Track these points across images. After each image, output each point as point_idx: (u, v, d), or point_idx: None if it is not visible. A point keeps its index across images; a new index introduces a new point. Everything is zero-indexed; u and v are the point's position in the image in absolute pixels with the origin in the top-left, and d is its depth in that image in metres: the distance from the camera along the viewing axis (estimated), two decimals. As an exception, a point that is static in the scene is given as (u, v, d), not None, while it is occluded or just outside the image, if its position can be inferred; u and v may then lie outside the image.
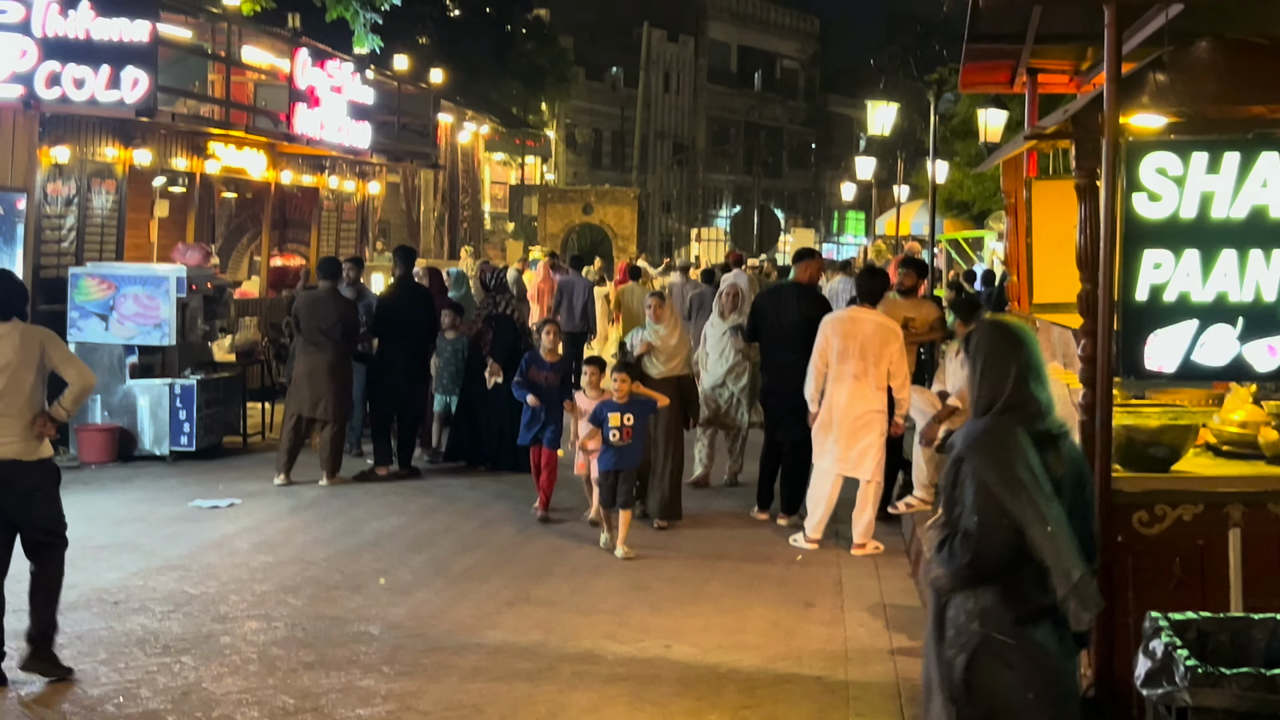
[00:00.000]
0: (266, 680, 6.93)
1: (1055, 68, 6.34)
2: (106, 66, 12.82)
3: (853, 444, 10.00)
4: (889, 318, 11.14)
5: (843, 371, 9.97)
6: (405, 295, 13.08)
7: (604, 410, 9.98)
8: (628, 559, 9.57)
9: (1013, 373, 4.29)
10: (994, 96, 17.45)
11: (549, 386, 10.94)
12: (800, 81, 78.45)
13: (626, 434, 9.91)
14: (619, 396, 9.98)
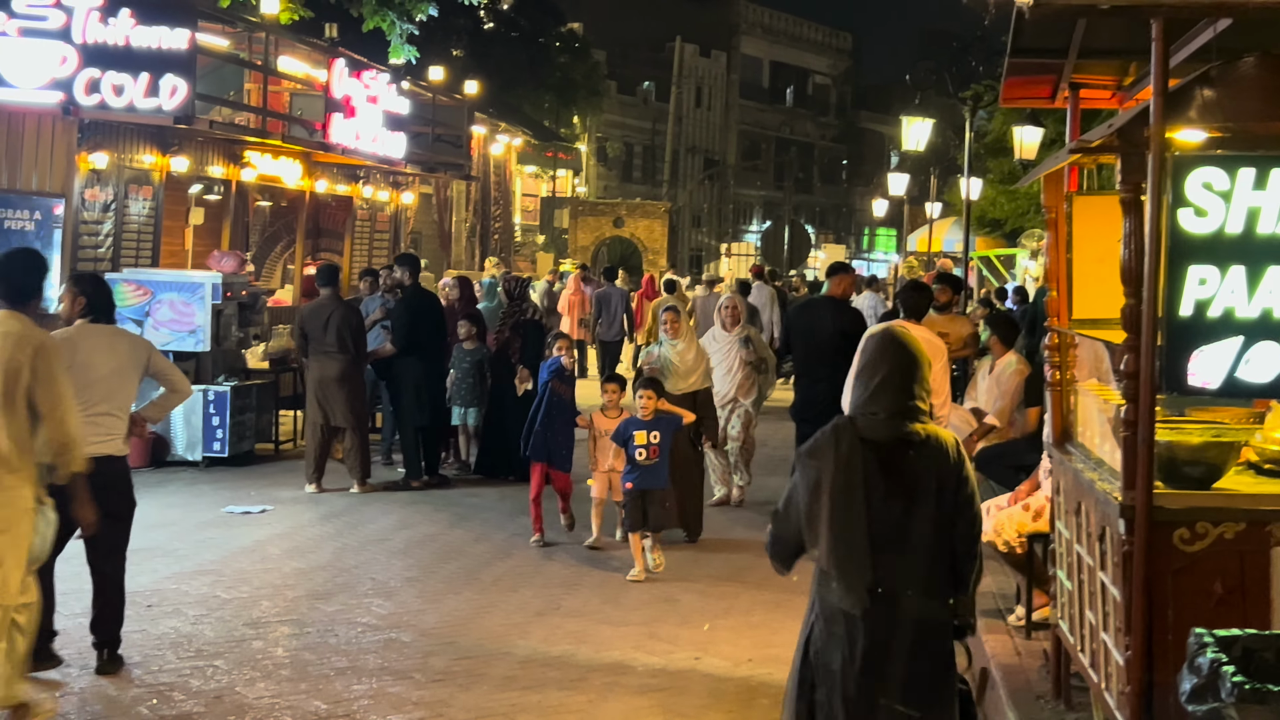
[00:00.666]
0: (299, 685, 6.94)
1: (1098, 82, 6.30)
2: (145, 74, 12.93)
3: None
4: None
5: None
6: (415, 305, 13.00)
7: (629, 428, 9.70)
8: (658, 569, 9.46)
9: (877, 380, 4.59)
10: (1029, 113, 17.42)
11: (564, 401, 10.63)
12: (832, 97, 78.47)
13: (653, 452, 9.60)
14: (644, 414, 9.71)
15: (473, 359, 13.08)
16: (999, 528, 7.61)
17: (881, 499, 4.50)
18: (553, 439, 10.45)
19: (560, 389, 10.52)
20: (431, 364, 12.80)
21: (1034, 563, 7.55)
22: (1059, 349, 6.33)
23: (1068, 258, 6.21)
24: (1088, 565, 5.51)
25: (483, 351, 13.11)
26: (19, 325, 6.12)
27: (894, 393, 4.56)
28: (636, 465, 9.57)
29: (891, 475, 4.50)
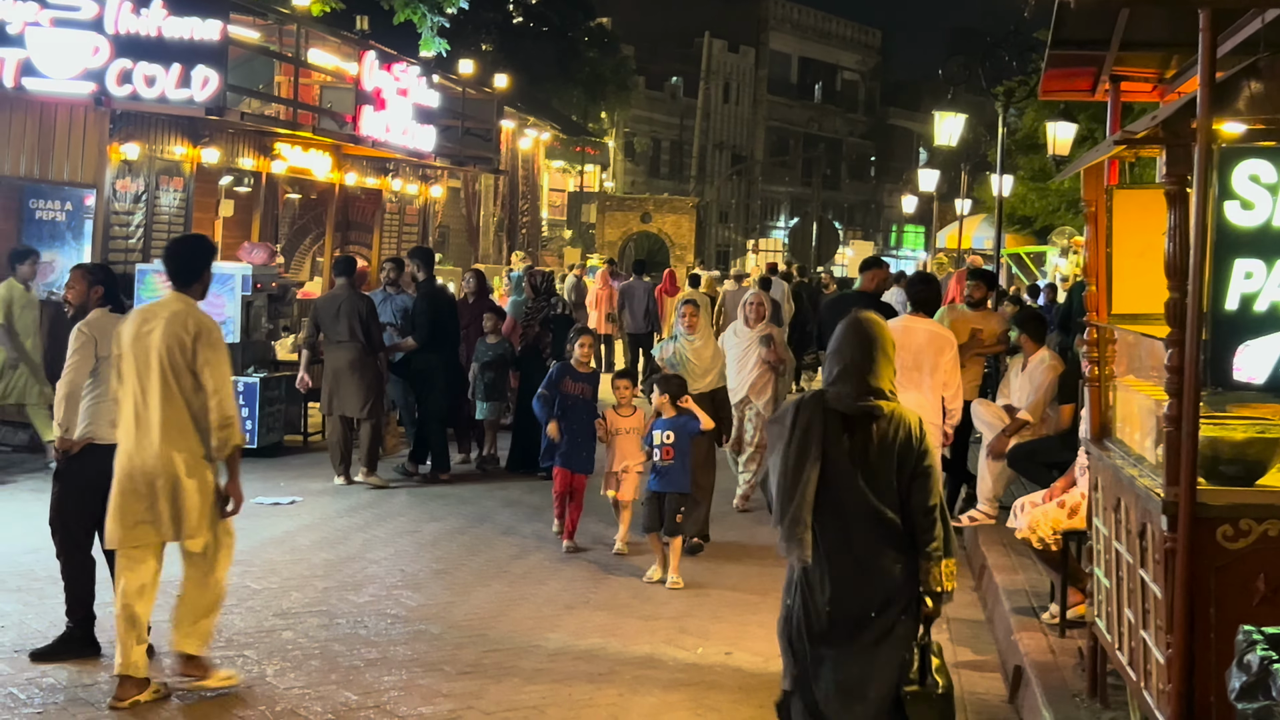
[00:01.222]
0: (329, 676, 6.93)
1: (1139, 75, 6.22)
2: (177, 65, 12.93)
3: None
4: (955, 329, 11.04)
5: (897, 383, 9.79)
6: (434, 298, 12.96)
7: (651, 427, 9.42)
8: (675, 589, 8.94)
9: (846, 357, 5.07)
10: (1062, 109, 17.31)
11: (582, 400, 10.18)
12: (861, 94, 78.25)
13: (666, 453, 9.19)
14: (661, 409, 9.39)
15: (495, 352, 12.97)
16: (1034, 524, 7.55)
17: (843, 464, 4.97)
18: (570, 442, 10.06)
19: (573, 388, 10.13)
20: (452, 356, 12.83)
21: (1069, 560, 7.49)
22: (1098, 344, 6.25)
23: (1107, 252, 6.14)
24: (1127, 562, 5.45)
25: (505, 345, 13.03)
26: (183, 306, 6.59)
27: (858, 373, 5.02)
28: (655, 465, 9.29)
29: (853, 444, 4.98)
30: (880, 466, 4.96)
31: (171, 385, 6.46)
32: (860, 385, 5.00)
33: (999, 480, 10.68)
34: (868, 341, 5.09)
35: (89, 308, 7.26)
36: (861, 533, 4.96)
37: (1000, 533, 10.03)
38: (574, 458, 10.06)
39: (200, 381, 6.47)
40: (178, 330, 6.44)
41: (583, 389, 10.20)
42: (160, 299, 6.85)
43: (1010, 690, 7.15)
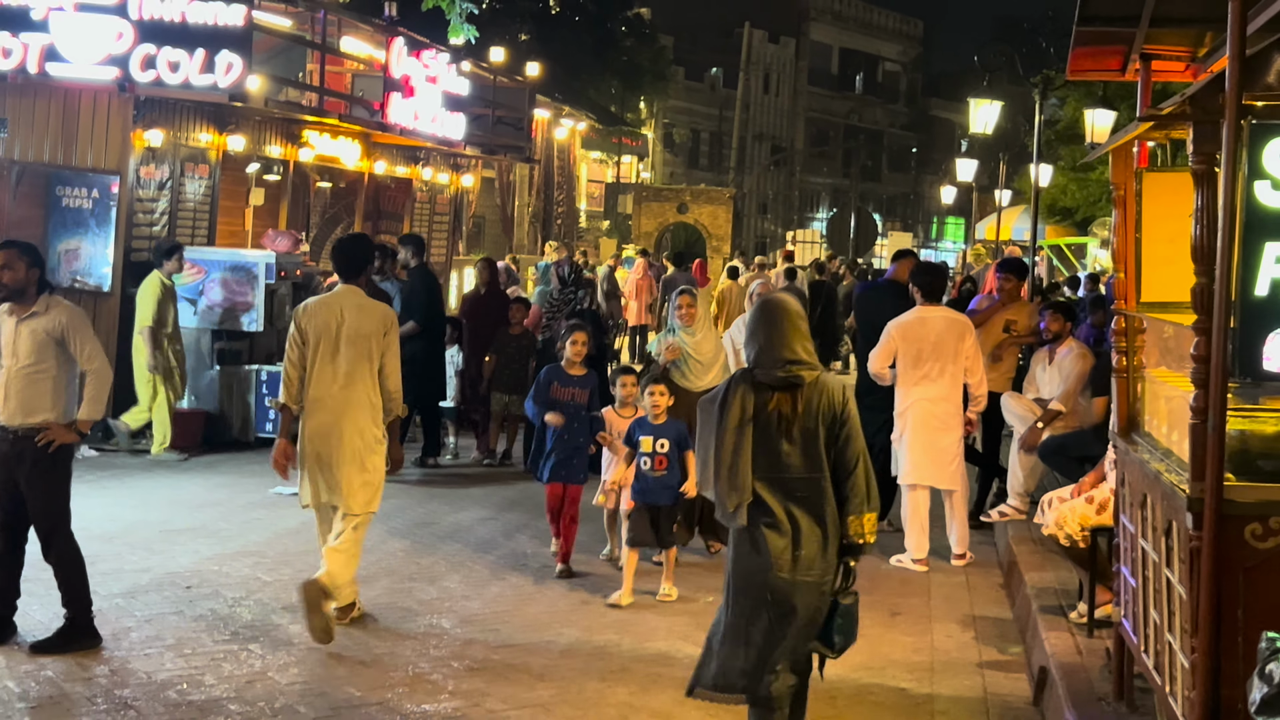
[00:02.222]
0: (334, 671, 6.78)
1: (1170, 53, 5.95)
2: (201, 50, 12.79)
3: (930, 451, 9.56)
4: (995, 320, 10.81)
5: (916, 375, 9.55)
6: (428, 284, 12.72)
7: (635, 432, 8.53)
8: (667, 599, 8.32)
9: (761, 337, 5.44)
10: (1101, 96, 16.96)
11: (575, 406, 9.06)
12: (902, 84, 77.70)
13: (660, 463, 8.39)
14: (654, 415, 8.53)
15: (519, 344, 12.66)
16: (1061, 521, 7.31)
17: (775, 434, 5.37)
18: (561, 452, 8.98)
19: (562, 394, 9.04)
20: (437, 344, 12.69)
21: (1097, 557, 7.24)
22: (1125, 333, 6.01)
23: (1136, 237, 5.90)
24: (1152, 561, 5.22)
25: (529, 337, 12.77)
26: (359, 298, 7.62)
27: (776, 348, 5.39)
28: (641, 475, 8.43)
29: (782, 413, 5.38)
30: (808, 431, 5.36)
31: (363, 366, 7.44)
32: (779, 358, 5.38)
33: (1030, 475, 10.44)
34: (778, 318, 5.47)
35: (27, 290, 7.08)
36: (795, 494, 5.35)
37: (1030, 529, 9.78)
38: (566, 469, 8.96)
39: (383, 361, 7.50)
40: (366, 318, 7.49)
41: (574, 394, 9.09)
42: (336, 291, 7.76)
43: (1035, 692, 6.92)
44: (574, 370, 9.17)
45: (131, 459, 12.36)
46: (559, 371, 9.16)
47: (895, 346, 9.61)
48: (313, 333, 7.47)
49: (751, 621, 5.38)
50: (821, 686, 6.87)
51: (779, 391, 5.38)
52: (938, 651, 7.65)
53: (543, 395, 9.05)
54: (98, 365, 7.17)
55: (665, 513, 8.45)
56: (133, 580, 8.25)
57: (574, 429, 8.99)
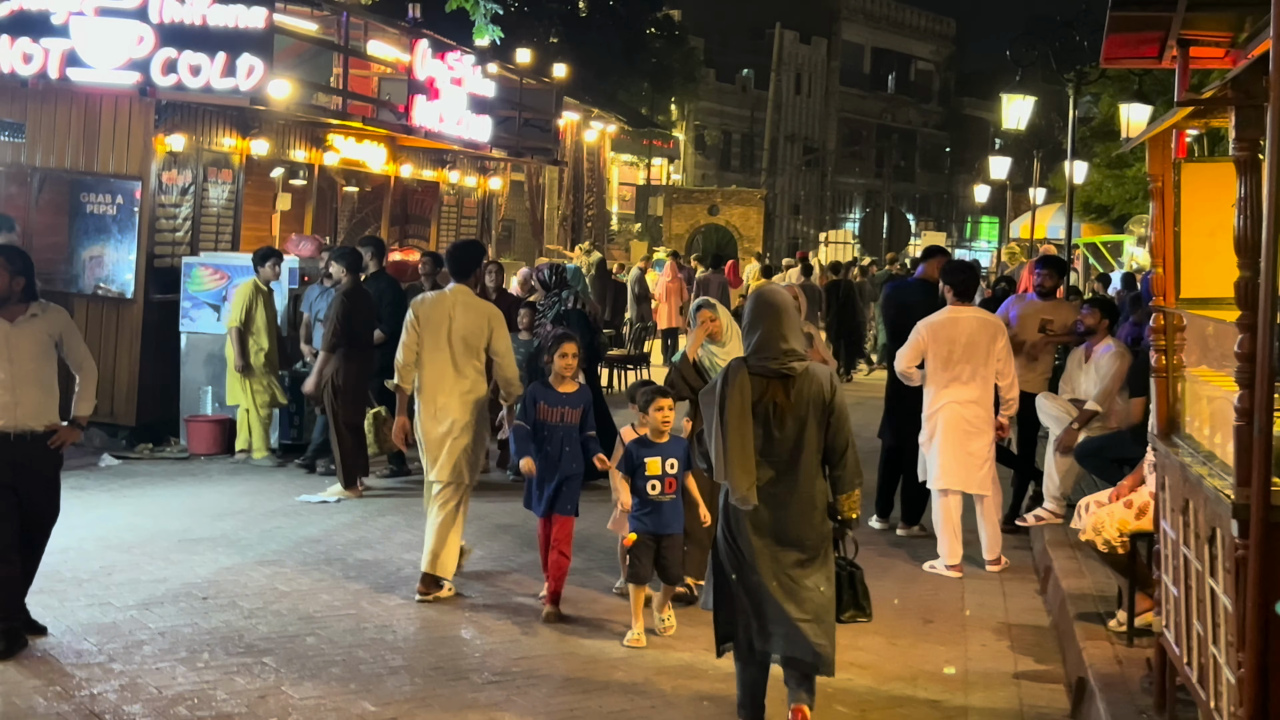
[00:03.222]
0: (348, 685, 6.59)
1: (1209, 39, 5.69)
2: (222, 53, 12.66)
3: (960, 455, 9.27)
4: (1025, 320, 10.56)
5: (946, 377, 9.28)
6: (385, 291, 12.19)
7: (638, 453, 7.58)
8: (668, 633, 7.63)
9: (760, 328, 5.84)
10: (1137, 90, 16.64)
11: (565, 429, 7.94)
12: (935, 84, 77.25)
13: (669, 485, 7.50)
14: (660, 433, 7.57)
15: (526, 350, 11.77)
16: (1099, 525, 7.07)
17: (770, 421, 5.80)
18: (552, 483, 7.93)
19: (549, 414, 7.94)
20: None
21: (1137, 563, 7.00)
22: (1164, 331, 5.76)
23: (1175, 231, 5.66)
24: (1196, 570, 4.98)
25: (536, 343, 12.06)
26: (468, 296, 8.53)
27: (774, 340, 5.80)
28: (647, 501, 7.49)
29: (776, 403, 5.79)
30: (799, 419, 5.80)
31: (468, 356, 8.35)
32: (777, 350, 5.80)
33: (1067, 477, 10.18)
34: (775, 310, 5.88)
35: (11, 300, 7.07)
36: (790, 476, 5.83)
37: (1067, 533, 9.53)
38: (551, 499, 7.93)
39: (493, 351, 8.42)
40: (474, 315, 8.42)
41: (564, 414, 7.95)
42: (450, 288, 8.57)
43: (1072, 704, 6.68)
44: (563, 386, 8.02)
45: (153, 466, 12.25)
46: (545, 389, 8.03)
47: (924, 346, 9.36)
48: (426, 324, 8.38)
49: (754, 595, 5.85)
50: (853, 699, 6.70)
51: (774, 380, 5.79)
52: (972, 661, 7.41)
53: (529, 417, 7.96)
54: (89, 363, 7.37)
55: (673, 543, 7.56)
56: (148, 591, 8.10)
57: (565, 454, 7.90)
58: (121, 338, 13.13)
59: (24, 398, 7.02)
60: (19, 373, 7.01)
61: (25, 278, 7.15)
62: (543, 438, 7.92)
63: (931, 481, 9.44)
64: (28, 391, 7.04)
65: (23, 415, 7.02)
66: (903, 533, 10.41)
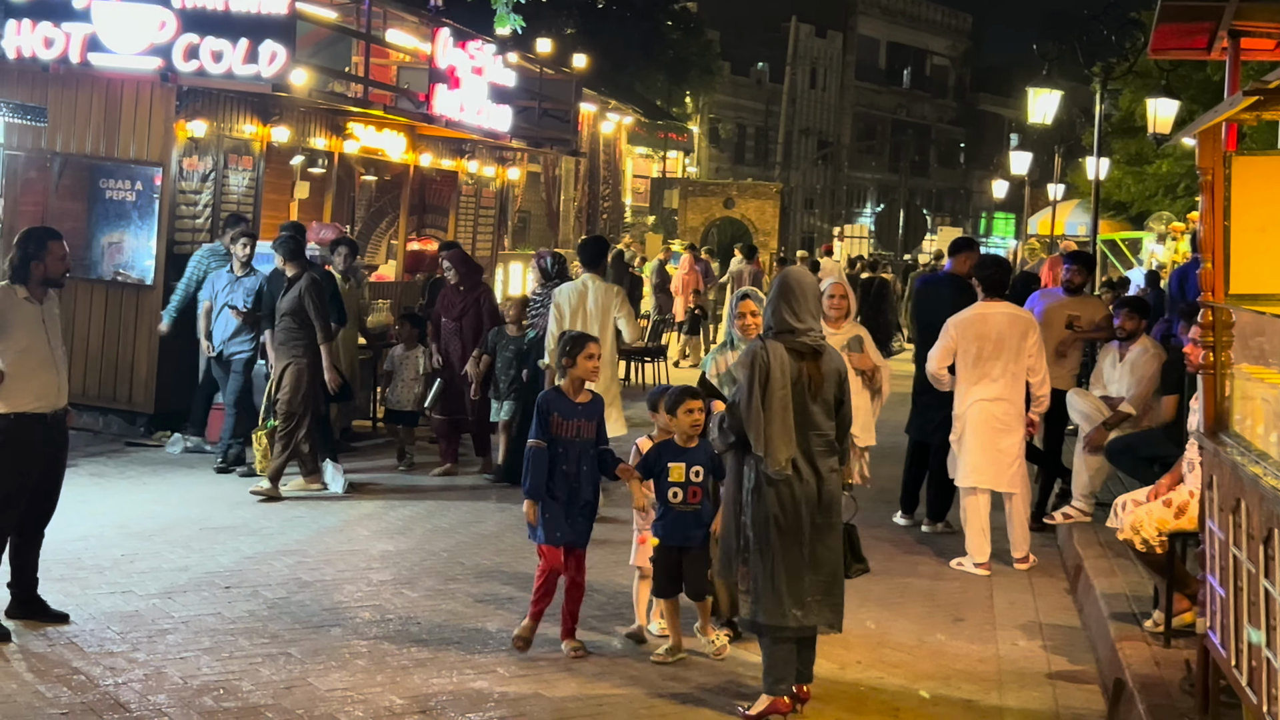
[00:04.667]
0: (375, 677, 6.51)
1: (1262, 29, 5.58)
2: (244, 40, 12.54)
3: (990, 452, 9.14)
4: (1050, 316, 10.45)
5: (976, 374, 9.14)
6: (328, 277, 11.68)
7: (661, 457, 7.06)
8: (722, 655, 7.07)
9: (783, 307, 6.17)
10: (1163, 85, 16.50)
11: (580, 444, 7.06)
12: (951, 79, 77.01)
13: (694, 494, 6.98)
14: (684, 436, 7.05)
15: (517, 346, 11.37)
16: (1137, 525, 6.96)
17: (805, 394, 6.16)
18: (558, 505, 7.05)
19: (563, 428, 7.05)
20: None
21: (1175, 563, 6.90)
22: (1213, 327, 5.65)
23: (1225, 225, 5.54)
24: (1248, 571, 4.87)
25: (527, 337, 11.44)
26: (597, 281, 10.57)
27: (807, 318, 6.19)
28: (670, 509, 6.99)
29: (811, 377, 6.17)
30: (826, 392, 6.22)
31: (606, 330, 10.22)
32: (809, 327, 6.18)
33: (1096, 475, 10.08)
34: (806, 290, 6.26)
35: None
36: (818, 448, 6.20)
37: (1097, 532, 9.44)
38: (566, 526, 7.07)
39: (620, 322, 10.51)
40: (604, 295, 10.47)
41: (579, 426, 7.09)
42: (582, 278, 10.61)
43: (1110, 705, 6.58)
44: (579, 396, 7.17)
45: (172, 453, 12.15)
46: (559, 398, 7.12)
47: (954, 345, 9.22)
48: (568, 308, 10.36)
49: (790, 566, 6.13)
50: (885, 697, 6.62)
51: (807, 355, 6.16)
52: (1004, 661, 7.32)
53: (543, 431, 7.05)
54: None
55: (697, 556, 7.01)
56: (170, 580, 8.03)
57: (581, 473, 7.05)
58: (140, 324, 13.04)
59: (62, 379, 7.22)
60: (57, 355, 7.19)
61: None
62: (557, 455, 7.01)
63: (960, 479, 9.32)
64: (64, 372, 7.26)
65: (62, 396, 7.21)
66: (928, 529, 10.31)
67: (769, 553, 6.14)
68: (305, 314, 10.83)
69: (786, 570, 6.12)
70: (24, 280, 7.15)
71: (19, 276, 7.15)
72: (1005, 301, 9.41)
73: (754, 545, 6.17)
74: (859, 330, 9.19)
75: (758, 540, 6.16)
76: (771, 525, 6.13)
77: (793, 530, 6.14)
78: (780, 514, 6.12)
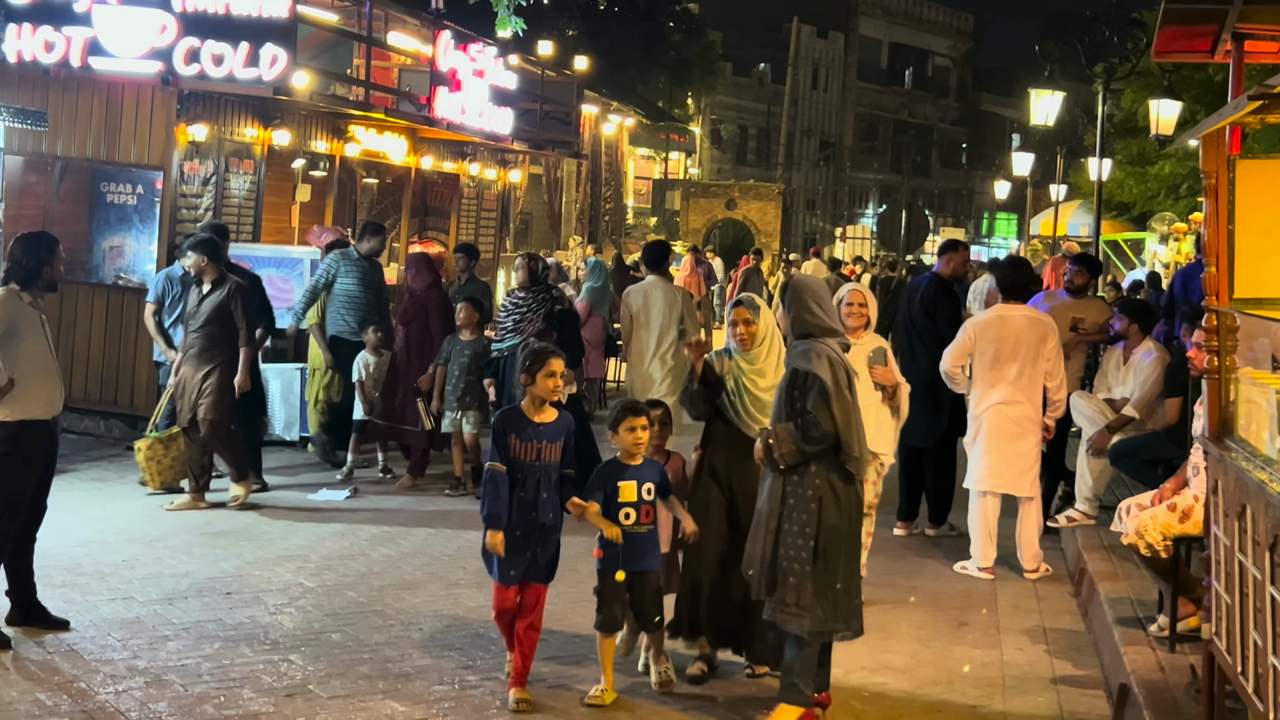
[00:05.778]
0: (376, 684, 6.49)
1: (1267, 31, 5.56)
2: (245, 43, 12.53)
3: (1006, 456, 9.04)
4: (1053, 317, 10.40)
5: (994, 377, 9.07)
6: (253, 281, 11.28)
7: (610, 477, 6.41)
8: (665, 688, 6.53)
9: (828, 309, 6.23)
10: (1166, 86, 16.48)
11: (542, 468, 6.31)
12: (952, 79, 76.96)
13: (646, 514, 6.35)
14: (633, 454, 6.42)
15: (472, 350, 10.89)
16: (1142, 529, 6.93)
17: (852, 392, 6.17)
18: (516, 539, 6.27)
19: (521, 450, 6.28)
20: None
21: (1180, 568, 6.87)
22: (1218, 332, 5.62)
23: (1229, 229, 5.51)
24: (1253, 578, 4.84)
25: (484, 343, 10.97)
26: (662, 284, 11.27)
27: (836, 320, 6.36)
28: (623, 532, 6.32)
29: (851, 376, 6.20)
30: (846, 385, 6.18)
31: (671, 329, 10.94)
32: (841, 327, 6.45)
33: (1100, 478, 10.04)
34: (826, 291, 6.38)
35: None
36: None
37: (1101, 535, 9.42)
38: (523, 561, 6.32)
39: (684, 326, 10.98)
40: (673, 297, 11.15)
41: (540, 449, 6.32)
42: (648, 280, 11.31)
43: (1114, 711, 6.55)
44: (541, 415, 6.40)
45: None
46: (517, 418, 6.36)
47: (971, 347, 9.15)
48: (636, 309, 11.03)
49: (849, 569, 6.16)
50: (888, 703, 6.60)
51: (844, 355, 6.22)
52: (1009, 666, 7.28)
53: (502, 454, 6.30)
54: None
55: (651, 582, 6.43)
56: (172, 586, 8.01)
57: (542, 502, 6.29)
58: (142, 328, 12.98)
59: (62, 384, 7.27)
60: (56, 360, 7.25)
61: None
62: (515, 481, 6.27)
63: (976, 483, 9.20)
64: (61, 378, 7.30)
65: (61, 402, 7.27)
66: (932, 533, 10.27)
67: (835, 560, 6.06)
68: (229, 320, 10.12)
69: (847, 576, 6.12)
70: (30, 285, 7.13)
71: (27, 281, 7.13)
72: (1025, 305, 9.33)
73: (819, 555, 6.01)
74: (880, 341, 8.27)
75: (824, 550, 6.03)
76: (838, 533, 6.07)
77: (852, 535, 6.17)
78: (844, 521, 6.09)
